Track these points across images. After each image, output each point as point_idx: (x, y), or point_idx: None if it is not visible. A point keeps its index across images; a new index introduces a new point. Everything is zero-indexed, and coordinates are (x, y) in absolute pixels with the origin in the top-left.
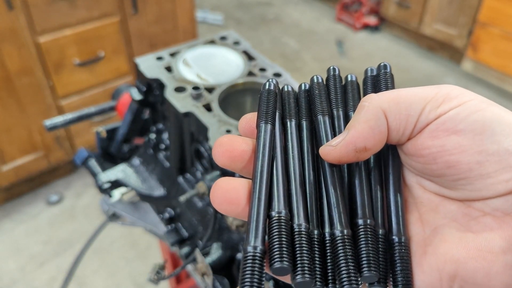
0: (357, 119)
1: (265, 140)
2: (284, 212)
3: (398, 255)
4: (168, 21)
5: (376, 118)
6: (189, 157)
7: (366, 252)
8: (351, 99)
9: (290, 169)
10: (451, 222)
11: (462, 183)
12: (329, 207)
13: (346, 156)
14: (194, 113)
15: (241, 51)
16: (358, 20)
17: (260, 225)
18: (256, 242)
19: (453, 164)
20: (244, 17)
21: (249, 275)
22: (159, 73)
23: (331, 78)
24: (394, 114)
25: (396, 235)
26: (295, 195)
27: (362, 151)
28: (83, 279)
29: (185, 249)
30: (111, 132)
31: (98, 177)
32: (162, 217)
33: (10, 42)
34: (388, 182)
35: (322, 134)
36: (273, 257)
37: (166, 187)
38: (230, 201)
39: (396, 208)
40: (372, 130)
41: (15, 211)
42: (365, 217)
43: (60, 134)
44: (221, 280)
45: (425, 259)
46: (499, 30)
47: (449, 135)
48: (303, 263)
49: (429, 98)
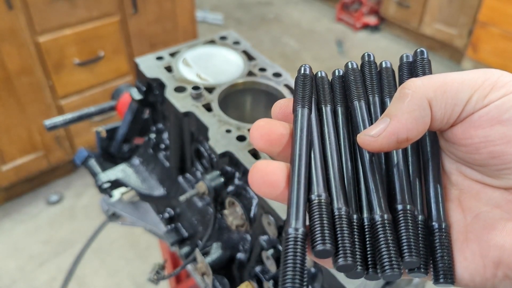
0: (400, 108)
1: (303, 124)
2: (324, 195)
3: (439, 241)
4: (168, 21)
5: (421, 109)
6: (189, 157)
7: (407, 237)
8: (387, 86)
9: (327, 155)
10: (494, 209)
11: (507, 172)
12: (368, 192)
13: (387, 146)
14: (194, 113)
15: (241, 51)
16: (358, 20)
17: (301, 207)
18: (297, 224)
19: (498, 154)
20: (244, 17)
21: (292, 257)
22: (159, 73)
23: (366, 64)
24: (440, 103)
25: (436, 221)
26: (334, 179)
27: (404, 141)
28: (83, 279)
29: (185, 249)
30: (111, 132)
31: (98, 177)
32: (162, 217)
33: (10, 42)
34: (427, 169)
35: (359, 120)
36: (315, 240)
37: (166, 187)
38: (269, 184)
39: (435, 194)
40: (416, 121)
41: (15, 211)
42: (405, 203)
43: (60, 134)
44: (221, 280)
45: (468, 246)
46: (499, 30)
47: (493, 125)
48: (345, 246)
49: (477, 86)
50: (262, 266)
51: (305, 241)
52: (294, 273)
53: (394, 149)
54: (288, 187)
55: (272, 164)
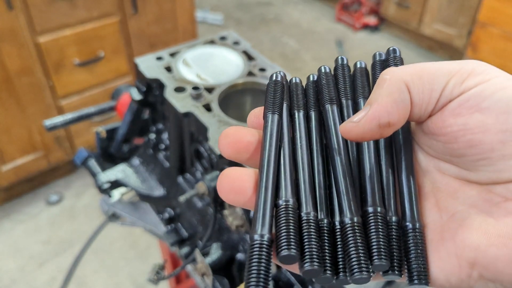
0: (379, 93)
1: (272, 130)
2: (292, 201)
3: (413, 242)
4: (168, 21)
5: (399, 91)
6: (189, 157)
7: (377, 240)
8: (360, 86)
9: (298, 159)
10: (470, 208)
11: (484, 163)
12: (338, 195)
13: (369, 132)
14: (194, 113)
15: (241, 51)
16: (358, 20)
17: (267, 213)
18: (263, 230)
19: (476, 143)
20: (244, 17)
21: (256, 263)
22: (159, 73)
23: (339, 68)
24: (417, 87)
25: (409, 221)
26: (303, 183)
27: (385, 126)
28: (83, 279)
29: (185, 249)
30: (111, 132)
31: (98, 177)
32: (162, 217)
33: (10, 42)
34: (400, 169)
35: (331, 123)
36: (280, 245)
37: (166, 187)
38: (236, 191)
39: (409, 193)
40: (396, 104)
41: (15, 211)
42: (375, 205)
43: (60, 134)
44: (221, 280)
45: (443, 245)
46: (499, 30)
47: (472, 113)
48: (312, 251)
49: (454, 72)
50: None
51: (271, 247)
52: (258, 280)
53: (377, 137)
54: (255, 193)
55: (240, 171)
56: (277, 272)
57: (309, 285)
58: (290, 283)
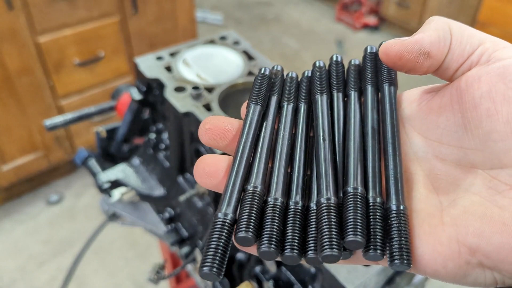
0: (426, 27)
1: (252, 119)
2: (260, 188)
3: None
4: (168, 21)
5: (444, 31)
6: (189, 157)
7: (354, 217)
8: (353, 81)
9: (277, 148)
10: (473, 196)
11: (495, 138)
12: (318, 178)
13: (408, 53)
14: (194, 113)
15: (241, 51)
16: (358, 20)
17: (234, 195)
18: (227, 210)
19: (493, 112)
20: (244, 17)
21: (216, 241)
22: (159, 73)
23: (333, 64)
24: (458, 35)
25: (393, 203)
26: (277, 171)
27: (424, 55)
28: (83, 279)
29: (185, 249)
30: (111, 132)
31: (98, 177)
32: (162, 217)
33: (10, 42)
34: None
35: (319, 112)
36: (239, 227)
37: (166, 187)
38: (208, 174)
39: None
40: (439, 38)
41: (15, 211)
42: (355, 185)
43: (60, 134)
44: (221, 280)
45: (443, 230)
46: (499, 30)
47: (496, 83)
48: (270, 234)
49: (490, 39)
50: (262, 266)
51: (232, 227)
52: (215, 256)
53: (410, 65)
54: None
55: (214, 157)
56: (277, 272)
57: (309, 284)
58: (290, 283)
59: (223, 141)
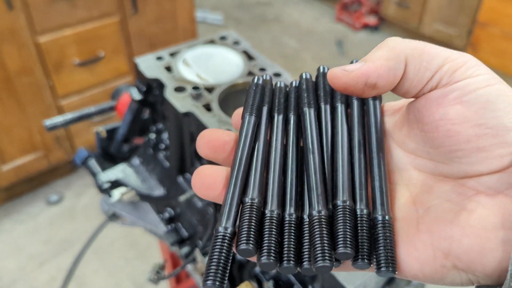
0: (378, 55)
1: (248, 130)
2: (258, 200)
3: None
4: (168, 21)
5: (397, 61)
6: (189, 157)
7: (343, 230)
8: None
9: (270, 160)
10: (444, 202)
11: (459, 155)
12: (309, 191)
13: (354, 85)
14: (194, 113)
15: (241, 51)
16: (358, 20)
17: (233, 209)
18: (227, 224)
19: (453, 134)
20: (244, 17)
21: (217, 254)
22: (159, 73)
23: (320, 76)
24: (415, 63)
25: (378, 214)
26: (272, 183)
27: (370, 87)
28: (83, 279)
29: (185, 249)
30: (111, 132)
31: (98, 177)
32: (162, 217)
33: (10, 42)
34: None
35: (307, 125)
36: (240, 239)
37: (166, 187)
38: (207, 186)
39: (380, 188)
40: (389, 70)
41: (15, 211)
42: (344, 198)
43: (60, 134)
44: None
45: (419, 236)
46: (499, 30)
47: (454, 105)
48: (269, 246)
49: (451, 59)
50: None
51: (232, 240)
52: (217, 269)
53: (358, 94)
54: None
55: (212, 168)
56: (277, 272)
57: (309, 284)
58: (290, 283)
59: (223, 153)
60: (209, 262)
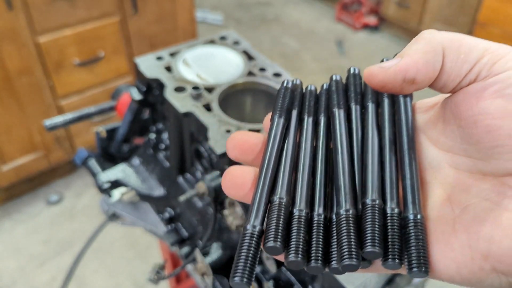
0: (414, 48)
1: (276, 132)
2: (286, 199)
3: (412, 232)
4: (168, 21)
5: (434, 53)
6: (189, 157)
7: (372, 228)
8: (370, 92)
9: (299, 160)
10: (483, 201)
11: (499, 151)
12: (337, 190)
13: (392, 82)
14: (194, 113)
15: (241, 51)
16: (358, 20)
17: (262, 207)
18: (255, 222)
19: (494, 129)
20: (244, 17)
21: (245, 251)
22: (159, 73)
23: (350, 77)
24: (453, 55)
25: (410, 213)
26: (301, 183)
27: (409, 82)
28: (83, 279)
29: (185, 249)
30: (111, 132)
31: (98, 177)
32: (162, 217)
33: (10, 42)
34: (403, 163)
35: (336, 126)
36: (267, 237)
37: (166, 187)
38: (236, 185)
39: (411, 187)
40: (427, 64)
41: (15, 211)
42: (373, 197)
43: (60, 134)
44: (221, 280)
45: (456, 237)
46: (499, 31)
47: (495, 98)
48: (297, 244)
49: (490, 50)
50: (262, 266)
51: (260, 238)
52: (245, 266)
53: (396, 91)
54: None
55: (241, 169)
56: (277, 272)
57: (309, 284)
58: (290, 283)
59: (251, 155)
60: (237, 259)
